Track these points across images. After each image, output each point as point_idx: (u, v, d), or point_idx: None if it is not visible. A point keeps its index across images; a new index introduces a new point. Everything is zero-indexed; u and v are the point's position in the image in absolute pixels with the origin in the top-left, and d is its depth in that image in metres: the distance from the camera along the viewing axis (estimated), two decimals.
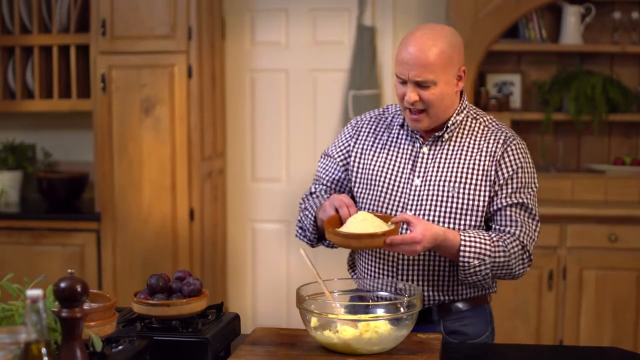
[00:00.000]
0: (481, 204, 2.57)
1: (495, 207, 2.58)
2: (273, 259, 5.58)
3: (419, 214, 2.57)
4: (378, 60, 5.32)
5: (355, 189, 2.73)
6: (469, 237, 2.49)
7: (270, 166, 5.55)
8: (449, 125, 2.61)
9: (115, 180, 4.83)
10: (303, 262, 2.51)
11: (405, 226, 2.53)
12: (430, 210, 2.57)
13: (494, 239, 2.52)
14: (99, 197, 4.87)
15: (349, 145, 2.76)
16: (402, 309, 2.27)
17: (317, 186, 2.83)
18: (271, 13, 5.45)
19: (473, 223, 2.57)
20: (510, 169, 2.57)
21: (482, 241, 2.50)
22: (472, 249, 2.49)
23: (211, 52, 5.09)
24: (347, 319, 2.26)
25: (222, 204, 5.44)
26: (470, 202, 2.56)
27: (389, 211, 2.62)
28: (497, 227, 2.59)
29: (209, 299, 2.42)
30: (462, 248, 2.48)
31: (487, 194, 2.57)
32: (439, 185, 2.58)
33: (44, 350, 1.48)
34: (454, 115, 2.61)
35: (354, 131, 2.78)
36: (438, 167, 2.60)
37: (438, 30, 2.52)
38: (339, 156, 2.78)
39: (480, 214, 2.57)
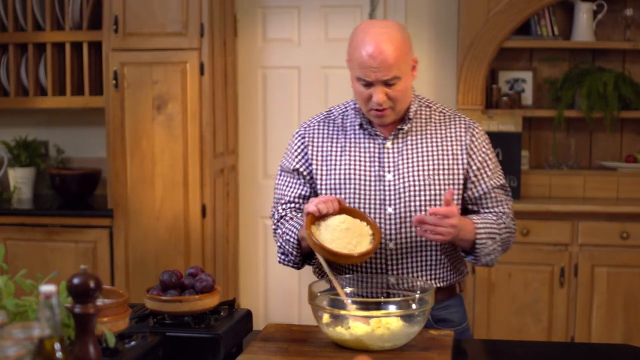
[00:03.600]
0: (455, 188, 2.61)
1: (480, 192, 2.66)
2: None
3: (399, 207, 2.58)
4: None
5: None
6: (478, 219, 2.59)
7: None
8: (410, 117, 2.63)
9: (127, 177, 4.84)
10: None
11: (384, 240, 2.58)
12: (409, 201, 2.58)
13: (493, 218, 2.64)
14: (111, 193, 4.88)
15: (306, 154, 2.70)
16: (413, 306, 2.27)
17: (283, 207, 2.73)
18: (283, 10, 5.46)
19: None
20: (482, 153, 2.66)
21: (490, 222, 2.60)
22: (485, 230, 2.57)
23: (223, 49, 5.10)
24: (359, 315, 2.26)
25: (234, 200, 5.45)
26: (445, 188, 2.60)
27: (368, 210, 2.60)
28: (486, 209, 2.69)
29: (221, 296, 2.44)
30: (477, 231, 2.55)
31: (460, 178, 2.63)
32: (413, 176, 2.59)
33: (57, 345, 1.49)
34: (411, 105, 2.65)
35: (305, 140, 2.72)
36: (407, 159, 2.62)
37: (387, 26, 2.54)
38: (300, 167, 2.71)
39: (456, 198, 2.62)
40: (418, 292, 2.40)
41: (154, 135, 4.79)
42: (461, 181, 2.63)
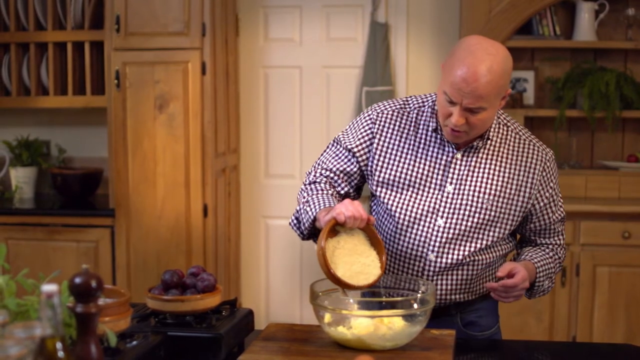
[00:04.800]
0: (511, 218, 2.58)
1: (542, 226, 2.68)
2: (286, 255, 5.59)
3: (450, 221, 2.54)
4: (391, 56, 5.32)
5: (377, 189, 2.62)
6: (540, 262, 2.63)
7: (283, 162, 5.55)
8: (489, 137, 2.56)
9: (129, 177, 4.84)
10: (316, 258, 2.50)
11: (425, 250, 2.56)
12: (463, 218, 2.54)
13: (550, 254, 2.68)
14: (113, 193, 4.88)
15: (370, 141, 2.62)
16: (415, 305, 2.27)
17: (321, 172, 2.67)
18: (285, 10, 5.46)
19: (499, 235, 2.58)
20: (549, 188, 2.63)
21: (548, 261, 2.65)
22: (545, 273, 2.62)
23: (225, 49, 5.10)
24: (361, 315, 2.26)
25: (236, 200, 5.45)
26: (501, 216, 2.56)
27: (418, 217, 2.56)
28: (543, 239, 2.72)
29: (223, 295, 2.43)
30: (537, 275, 2.59)
31: (518, 209, 2.58)
32: (472, 195, 2.54)
33: (59, 345, 1.49)
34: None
35: (375, 127, 2.62)
36: (472, 175, 2.55)
37: (493, 53, 2.39)
38: (358, 151, 2.63)
39: (508, 227, 2.59)
40: (420, 292, 2.40)
41: (156, 135, 4.79)
42: (518, 212, 2.58)
